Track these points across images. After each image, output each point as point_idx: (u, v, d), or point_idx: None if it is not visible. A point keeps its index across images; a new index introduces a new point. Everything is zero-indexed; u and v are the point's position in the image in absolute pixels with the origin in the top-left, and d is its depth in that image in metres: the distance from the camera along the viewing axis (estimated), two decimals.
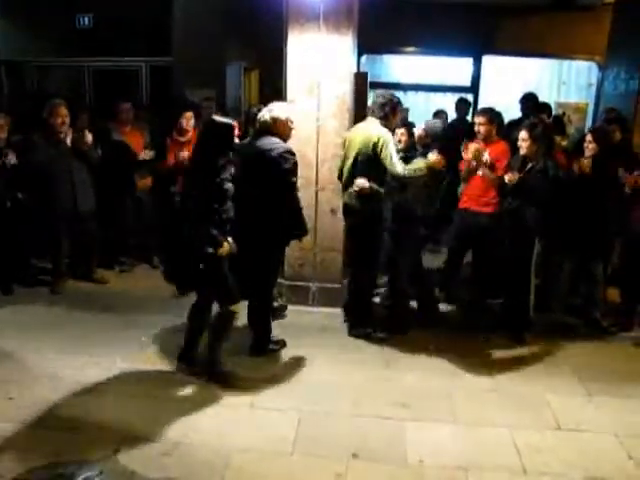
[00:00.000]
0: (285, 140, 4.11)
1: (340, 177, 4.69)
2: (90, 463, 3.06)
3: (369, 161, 4.35)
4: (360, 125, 4.59)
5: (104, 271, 5.78)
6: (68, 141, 5.13)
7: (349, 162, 4.49)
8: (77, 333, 4.58)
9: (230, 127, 3.77)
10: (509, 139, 5.03)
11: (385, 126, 4.40)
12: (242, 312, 4.09)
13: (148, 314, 4.95)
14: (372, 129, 4.39)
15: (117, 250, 6.06)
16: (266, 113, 4.10)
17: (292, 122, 4.17)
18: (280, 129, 4.09)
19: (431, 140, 4.75)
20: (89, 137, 5.20)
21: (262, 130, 4.12)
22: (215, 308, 3.98)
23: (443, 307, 5.25)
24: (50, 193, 5.18)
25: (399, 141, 4.71)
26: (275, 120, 4.07)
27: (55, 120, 5.07)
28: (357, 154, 4.40)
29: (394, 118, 4.50)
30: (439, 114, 7.59)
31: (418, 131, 4.84)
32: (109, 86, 8.02)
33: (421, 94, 9.65)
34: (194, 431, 3.42)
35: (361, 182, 4.36)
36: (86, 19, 8.19)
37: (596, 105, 8.11)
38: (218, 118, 3.87)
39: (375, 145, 4.29)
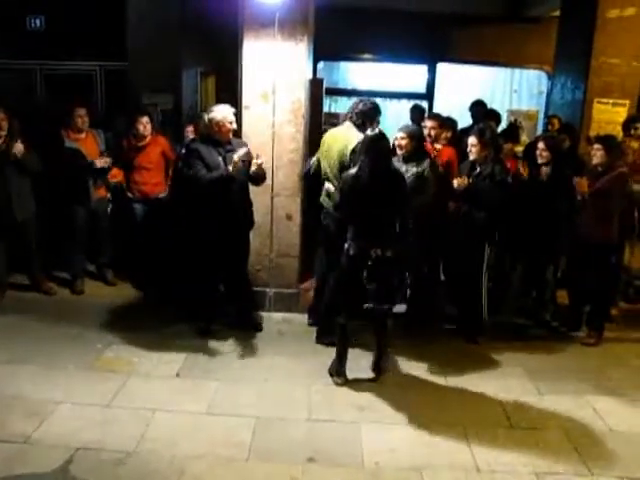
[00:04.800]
0: (220, 140, 4.39)
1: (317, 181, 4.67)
2: (42, 475, 3.00)
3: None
4: (340, 128, 4.64)
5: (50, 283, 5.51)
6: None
7: (333, 165, 4.48)
8: (26, 342, 4.45)
9: None
10: (460, 146, 5.14)
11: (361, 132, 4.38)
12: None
13: (103, 321, 4.86)
14: (352, 133, 4.44)
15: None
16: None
17: (223, 123, 4.36)
18: (211, 130, 4.42)
19: (418, 143, 4.55)
20: (18, 146, 4.85)
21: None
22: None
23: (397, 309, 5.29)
24: None
25: None
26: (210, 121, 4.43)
27: None
28: (339, 157, 4.41)
29: (371, 125, 4.44)
30: None
31: (399, 140, 4.55)
32: (62, 90, 7.83)
33: (377, 100, 9.75)
34: (149, 439, 3.38)
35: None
36: (38, 21, 7.99)
37: (546, 112, 8.38)
38: None
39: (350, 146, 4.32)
